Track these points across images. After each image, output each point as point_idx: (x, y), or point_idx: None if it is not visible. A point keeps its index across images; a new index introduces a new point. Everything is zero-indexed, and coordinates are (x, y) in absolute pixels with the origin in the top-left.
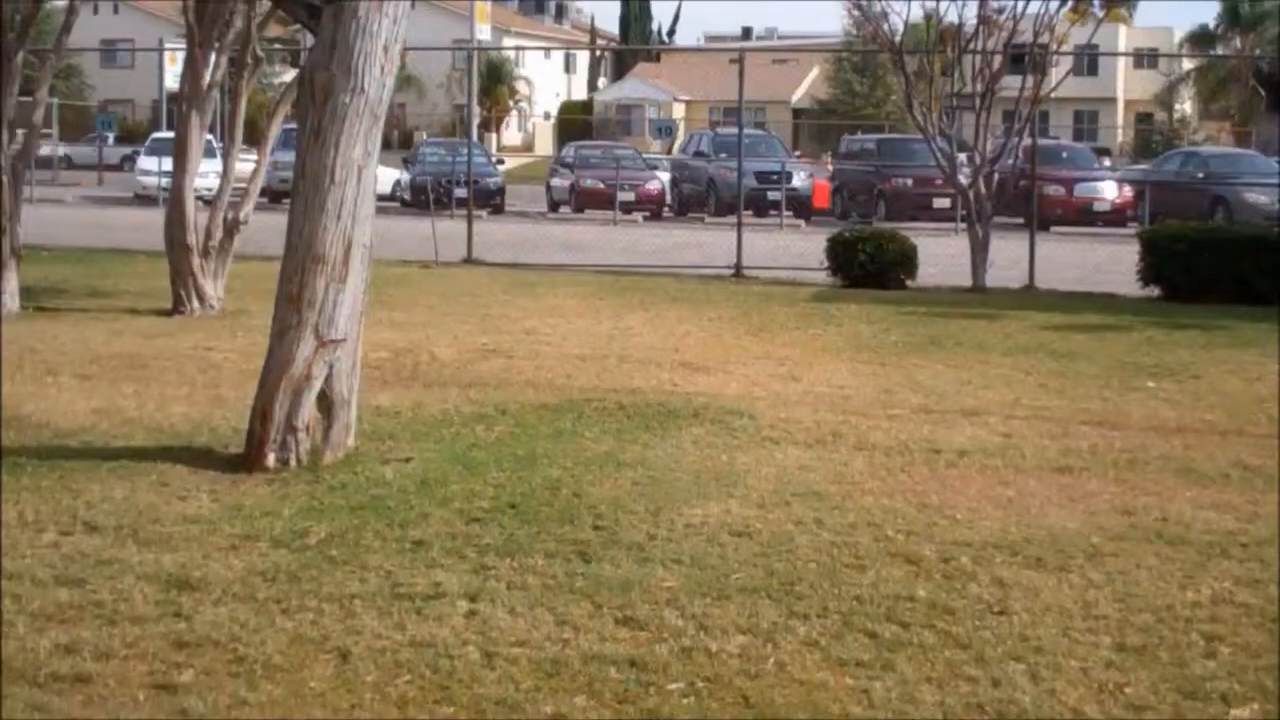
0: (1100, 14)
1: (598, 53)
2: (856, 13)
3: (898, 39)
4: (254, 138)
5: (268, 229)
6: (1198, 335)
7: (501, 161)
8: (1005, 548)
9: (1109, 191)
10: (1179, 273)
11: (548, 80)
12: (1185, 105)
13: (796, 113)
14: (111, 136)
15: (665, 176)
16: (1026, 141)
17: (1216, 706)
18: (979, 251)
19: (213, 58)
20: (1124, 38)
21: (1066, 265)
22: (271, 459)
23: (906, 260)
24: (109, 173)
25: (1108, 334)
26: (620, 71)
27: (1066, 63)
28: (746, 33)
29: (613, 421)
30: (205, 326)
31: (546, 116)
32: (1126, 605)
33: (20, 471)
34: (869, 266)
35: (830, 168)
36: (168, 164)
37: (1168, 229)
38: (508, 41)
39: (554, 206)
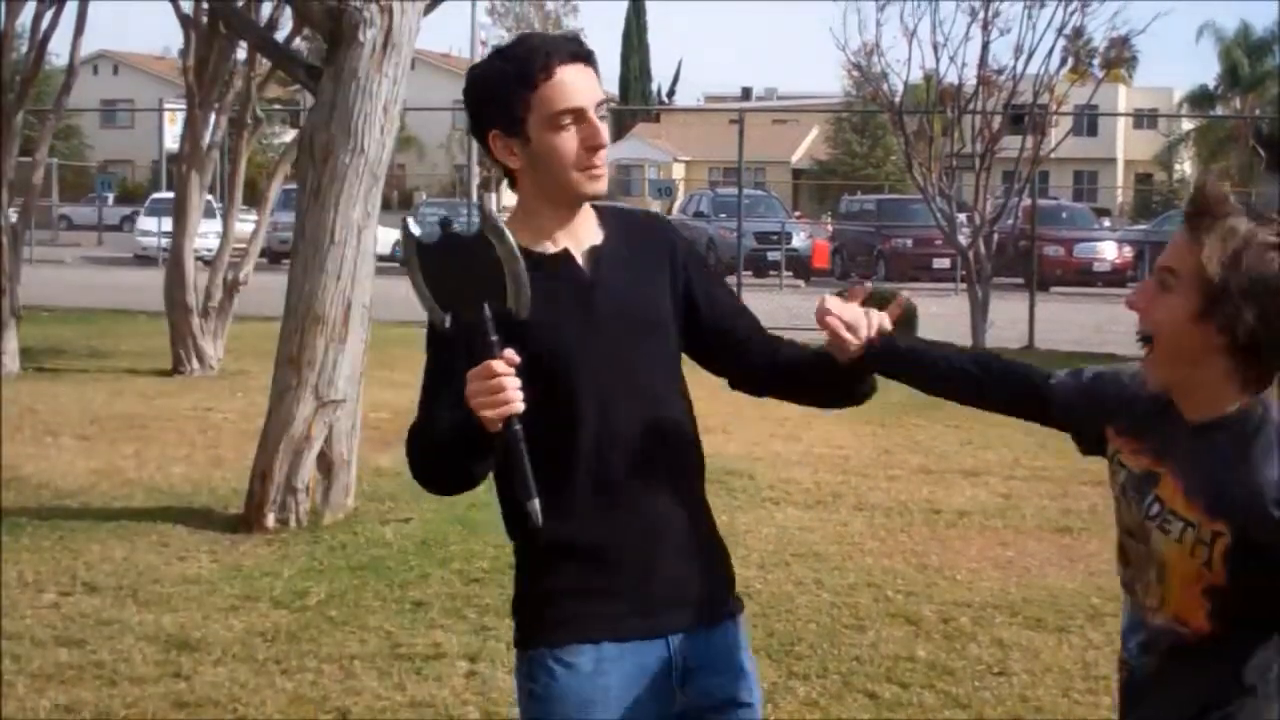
0: (1100, 74)
1: None
2: (856, 73)
3: (897, 99)
4: (254, 198)
5: (267, 289)
6: None
7: None
8: (1005, 608)
9: (1109, 252)
10: None
11: None
12: (1185, 166)
13: (796, 173)
14: (111, 197)
15: None
16: (1026, 202)
17: None
18: (978, 312)
19: (212, 118)
20: (1124, 98)
21: (1066, 325)
22: (271, 519)
23: (906, 320)
24: (109, 233)
25: None
26: (620, 131)
27: (1066, 123)
28: (746, 93)
29: None
30: (205, 387)
31: None
32: None
33: (20, 532)
34: None
35: (830, 228)
36: (167, 224)
37: None
38: None
39: None
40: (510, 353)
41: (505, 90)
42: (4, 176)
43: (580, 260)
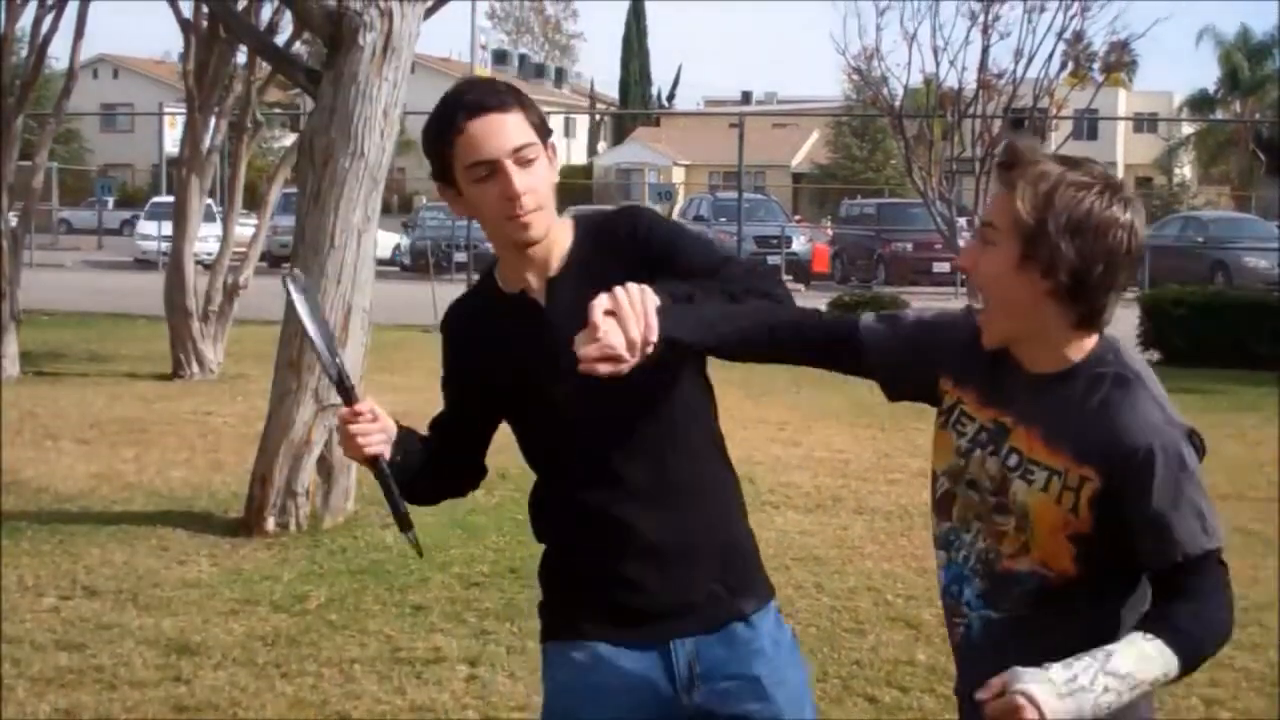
0: (1099, 78)
1: (597, 117)
2: (856, 77)
3: (897, 103)
4: (253, 202)
5: (267, 293)
6: (1198, 400)
7: None
8: None
9: None
10: (1179, 337)
11: None
12: (1185, 169)
13: (796, 177)
14: (111, 201)
15: None
16: None
17: None
18: None
19: (212, 122)
20: (1124, 102)
21: None
22: (271, 523)
23: None
24: (109, 237)
25: None
26: (620, 136)
27: (1066, 127)
28: (746, 97)
29: None
30: (205, 391)
31: None
32: None
33: (20, 536)
34: None
35: (830, 232)
36: (167, 228)
37: (1167, 293)
38: None
39: None
40: (366, 403)
41: (432, 146)
42: (4, 180)
43: (537, 292)
